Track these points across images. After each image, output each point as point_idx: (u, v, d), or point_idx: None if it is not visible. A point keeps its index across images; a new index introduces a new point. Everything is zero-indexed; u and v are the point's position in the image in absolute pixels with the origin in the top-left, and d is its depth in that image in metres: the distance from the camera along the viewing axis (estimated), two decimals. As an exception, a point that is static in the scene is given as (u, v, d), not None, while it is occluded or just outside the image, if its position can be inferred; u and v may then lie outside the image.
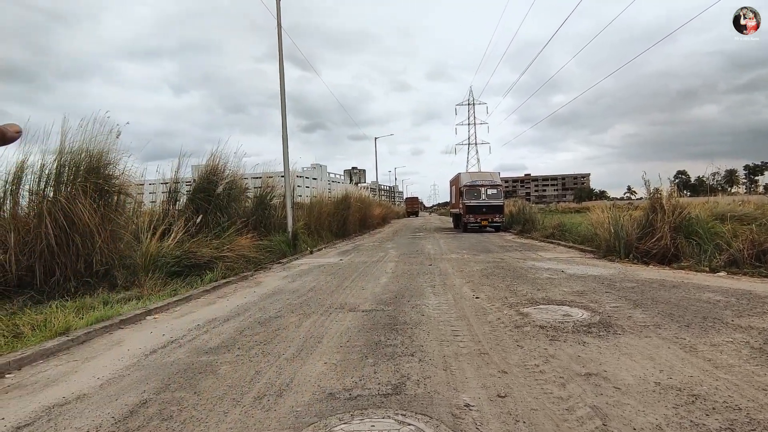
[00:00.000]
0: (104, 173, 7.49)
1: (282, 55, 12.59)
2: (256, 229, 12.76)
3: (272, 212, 14.17)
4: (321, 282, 7.64)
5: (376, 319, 4.89)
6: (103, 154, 7.46)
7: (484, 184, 21.46)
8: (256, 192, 14.42)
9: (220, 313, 5.51)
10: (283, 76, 12.72)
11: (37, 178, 6.95)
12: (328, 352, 3.77)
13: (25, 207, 6.76)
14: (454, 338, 4.08)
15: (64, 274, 6.67)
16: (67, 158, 6.95)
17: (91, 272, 7.03)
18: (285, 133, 13.06)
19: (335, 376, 3.20)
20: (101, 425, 2.60)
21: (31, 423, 2.68)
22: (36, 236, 6.50)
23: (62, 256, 6.66)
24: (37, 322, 5.07)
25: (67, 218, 6.62)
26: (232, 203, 12.08)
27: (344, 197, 20.55)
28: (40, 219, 6.52)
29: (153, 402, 2.89)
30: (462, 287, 6.68)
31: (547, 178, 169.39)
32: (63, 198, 6.64)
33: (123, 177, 7.87)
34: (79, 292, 6.66)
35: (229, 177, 11.77)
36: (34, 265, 6.48)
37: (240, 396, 2.92)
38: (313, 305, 5.74)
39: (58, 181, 6.79)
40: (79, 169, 6.99)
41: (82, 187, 6.88)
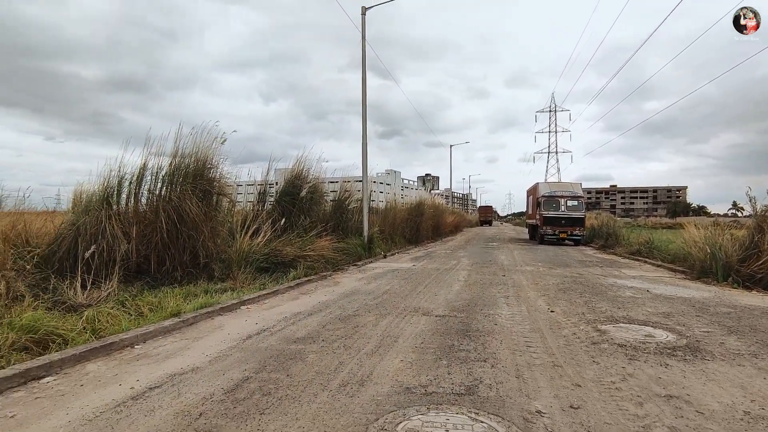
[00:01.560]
0: (208, 176, 8.42)
1: (365, 66, 13.18)
2: (335, 232, 13.42)
3: (349, 216, 14.80)
4: (395, 285, 7.93)
5: (449, 324, 5.06)
6: (207, 159, 8.40)
7: (564, 194, 20.60)
8: (334, 196, 15.16)
9: (304, 308, 5.99)
10: (365, 87, 13.30)
11: (155, 179, 8.00)
12: (404, 351, 4.01)
13: (144, 204, 7.80)
14: (527, 349, 4.13)
15: (173, 264, 7.60)
16: (179, 162, 7.93)
17: (195, 264, 7.93)
18: (365, 141, 13.63)
19: (411, 373, 3.44)
20: (214, 394, 3.06)
21: (159, 386, 3.23)
22: (152, 230, 7.49)
23: (172, 248, 7.60)
24: (153, 304, 5.89)
25: (178, 215, 7.54)
26: (314, 206, 12.84)
27: (418, 204, 20.82)
28: (156, 215, 7.50)
29: (253, 379, 3.32)
30: (536, 300, 6.61)
31: (635, 190, 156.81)
32: (176, 197, 7.59)
33: (222, 179, 8.79)
34: (184, 281, 7.56)
35: (312, 182, 12.54)
36: (150, 255, 7.47)
37: (326, 382, 3.26)
38: (389, 307, 6.03)
39: (172, 182, 7.75)
40: (188, 171, 7.94)
41: (191, 188, 7.82)
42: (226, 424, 2.61)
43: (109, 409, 2.84)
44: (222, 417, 2.70)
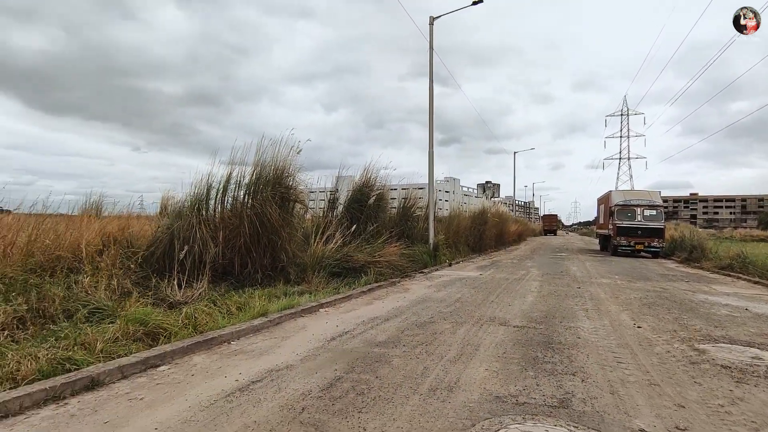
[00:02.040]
0: (285, 183, 8.89)
1: (432, 75, 13.30)
2: (400, 239, 13.57)
3: (414, 223, 14.91)
4: (466, 294, 7.89)
5: (528, 335, 4.96)
6: (285, 168, 8.87)
7: (640, 203, 19.35)
8: (399, 203, 15.34)
9: (379, 313, 6.14)
10: (432, 96, 13.41)
11: (238, 187, 8.57)
12: (487, 360, 4.01)
13: (228, 210, 8.37)
14: (618, 365, 3.97)
15: (254, 267, 8.08)
16: (260, 171, 8.44)
17: (273, 267, 8.38)
18: (431, 150, 13.70)
19: (498, 383, 3.43)
20: (311, 390, 3.25)
21: (260, 380, 3.47)
22: (236, 234, 8.01)
23: (254, 252, 8.08)
24: (240, 303, 6.31)
25: (260, 221, 8.02)
26: (380, 213, 13.09)
27: (481, 212, 20.50)
28: (240, 220, 8.02)
29: (345, 379, 3.48)
30: (619, 314, 6.29)
31: (719, 199, 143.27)
32: (258, 204, 8.08)
33: (298, 187, 9.23)
34: (263, 283, 8.01)
35: (379, 190, 12.80)
36: (234, 257, 7.98)
37: (416, 386, 3.34)
38: (463, 315, 6.02)
39: (255, 190, 8.26)
40: (268, 179, 8.42)
41: (271, 195, 8.29)
42: (328, 419, 2.77)
43: (220, 398, 3.11)
44: (323, 413, 2.86)
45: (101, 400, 3.09)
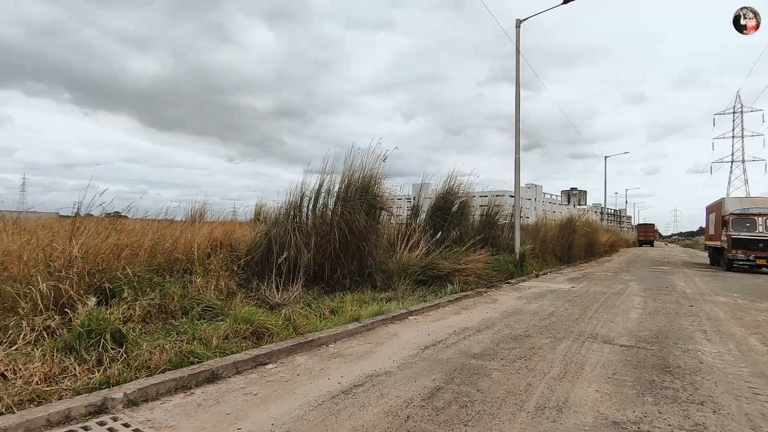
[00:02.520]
0: (372, 191, 9.09)
1: (519, 79, 12.89)
2: (483, 248, 13.26)
3: (498, 232, 14.47)
4: (559, 308, 7.46)
5: (639, 356, 4.55)
6: (372, 176, 9.07)
7: (762, 212, 17.01)
8: (481, 211, 15.00)
9: (470, 324, 6.01)
10: (518, 99, 12.98)
11: (328, 195, 8.92)
12: (596, 381, 3.73)
13: (320, 218, 8.73)
14: (755, 397, 3.48)
15: (343, 273, 8.34)
16: (349, 180, 8.72)
17: (361, 273, 8.59)
18: (518, 156, 13.25)
19: (613, 406, 3.17)
20: (413, 399, 3.25)
21: (361, 384, 3.55)
22: (327, 241, 8.33)
23: (343, 258, 8.35)
24: (332, 308, 6.53)
25: (349, 228, 8.27)
26: (463, 221, 12.88)
27: (569, 220, 19.36)
28: (330, 227, 8.34)
29: (446, 390, 3.44)
30: (747, 338, 5.55)
31: None
32: (347, 212, 8.35)
33: (384, 194, 9.40)
34: (351, 288, 8.23)
35: (462, 197, 12.62)
36: (324, 263, 8.30)
37: (521, 402, 3.20)
38: (560, 330, 5.68)
39: (344, 198, 8.54)
40: (357, 187, 8.67)
41: (359, 203, 8.53)
42: (434, 430, 2.75)
43: (327, 399, 3.23)
44: (428, 422, 2.85)
45: (221, 392, 3.35)
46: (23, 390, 3.11)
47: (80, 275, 4.93)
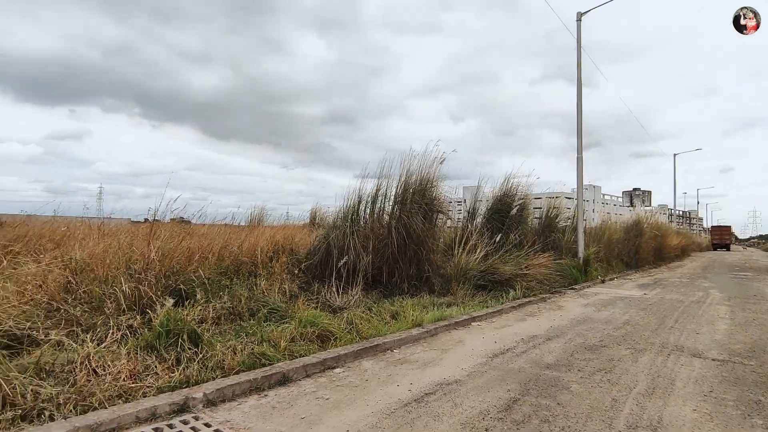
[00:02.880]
0: (429, 194, 8.97)
1: (581, 74, 12.31)
2: (543, 252, 12.74)
3: (559, 235, 13.86)
4: (634, 316, 6.95)
5: (737, 372, 4.11)
6: (430, 179, 8.96)
7: None
8: (540, 213, 14.43)
9: (537, 332, 5.73)
10: (580, 96, 12.38)
11: (384, 198, 8.89)
12: (691, 399, 3.40)
13: (377, 221, 8.72)
14: None
15: (401, 277, 8.27)
16: (406, 183, 8.66)
17: (418, 277, 8.49)
18: (580, 155, 12.64)
19: (717, 428, 2.86)
20: (488, 410, 3.10)
21: (433, 393, 3.45)
22: (384, 245, 8.30)
23: (401, 262, 8.29)
24: (393, 312, 6.47)
25: (406, 231, 8.20)
26: (522, 224, 12.44)
27: (635, 222, 18.18)
28: (388, 231, 8.31)
29: (522, 402, 3.25)
30: None
31: None
32: (405, 215, 8.29)
33: (442, 197, 9.25)
34: (409, 292, 8.14)
35: (521, 199, 12.18)
36: (382, 267, 8.27)
37: (609, 420, 2.96)
38: (640, 341, 5.27)
39: (402, 201, 8.48)
40: (415, 190, 8.59)
41: (417, 207, 8.44)
42: (517, 445, 2.59)
43: (399, 407, 3.15)
44: (510, 437, 2.69)
45: (293, 395, 3.37)
46: (112, 386, 3.28)
47: (157, 277, 5.20)
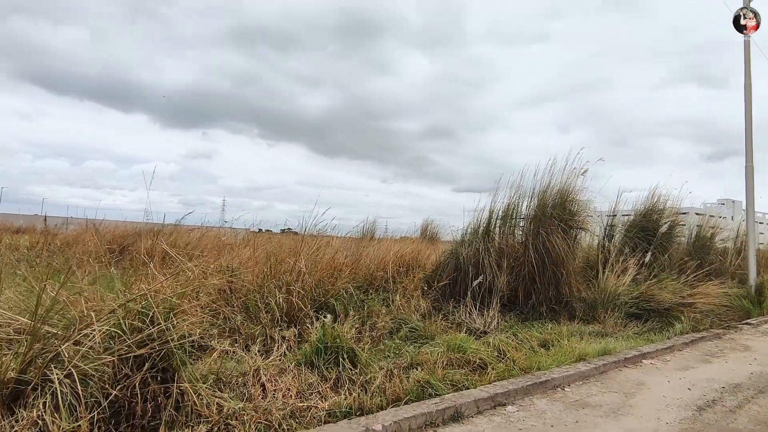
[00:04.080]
0: (568, 209, 8.12)
1: (749, 67, 10.46)
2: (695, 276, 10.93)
3: (715, 257, 11.85)
4: None
5: None
6: (568, 192, 8.12)
7: None
8: (689, 232, 12.48)
9: (737, 379, 4.66)
10: (749, 93, 10.50)
11: (516, 213, 8.23)
12: None
13: (512, 238, 8.08)
14: None
15: (538, 299, 7.53)
16: (544, 196, 7.92)
17: (558, 300, 7.66)
18: (750, 164, 10.65)
19: None
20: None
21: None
22: (520, 264, 7.64)
23: (538, 283, 7.55)
24: (540, 340, 5.81)
25: (545, 249, 7.47)
26: (672, 244, 10.82)
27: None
28: (524, 249, 7.65)
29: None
30: None
31: None
32: (543, 231, 7.56)
33: (583, 213, 8.34)
34: (548, 317, 7.36)
35: (671, 216, 10.62)
36: (517, 287, 7.60)
37: None
38: None
39: (541, 217, 7.75)
40: (554, 206, 7.82)
41: (555, 222, 7.68)
42: None
43: (614, 470, 2.58)
44: None
45: (474, 437, 2.97)
46: (284, 405, 3.19)
47: (306, 289, 5.21)
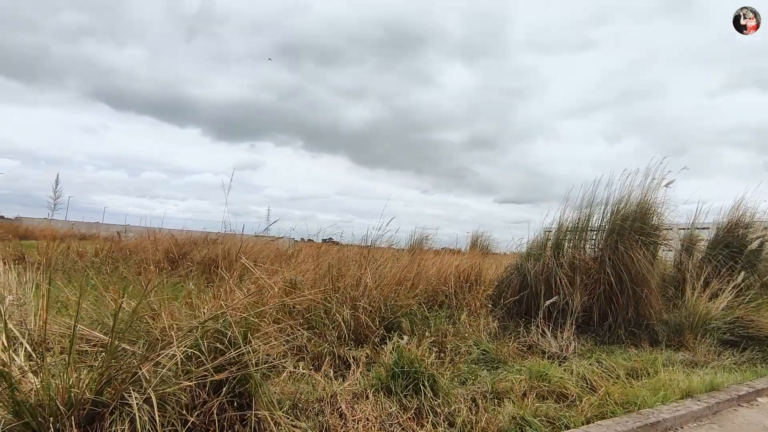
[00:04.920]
0: (649, 223, 7.43)
1: None
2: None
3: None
4: None
5: None
6: (649, 204, 7.44)
7: None
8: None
9: None
10: None
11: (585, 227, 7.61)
12: None
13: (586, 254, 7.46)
14: None
15: (616, 321, 6.89)
16: (623, 209, 7.29)
17: (637, 323, 6.99)
18: None
19: None
20: None
21: None
22: (595, 281, 7.03)
23: (615, 303, 6.92)
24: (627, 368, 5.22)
25: (624, 266, 6.84)
26: (760, 262, 9.75)
27: None
28: (600, 265, 7.03)
29: None
30: None
31: None
32: (622, 247, 6.93)
33: (664, 227, 7.62)
34: (628, 341, 6.71)
35: (760, 230, 9.57)
36: (592, 306, 6.99)
37: None
38: None
39: (619, 232, 7.12)
40: (634, 219, 7.17)
41: (635, 237, 7.03)
42: None
43: None
44: None
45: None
46: (368, 437, 2.88)
47: (374, 306, 4.92)
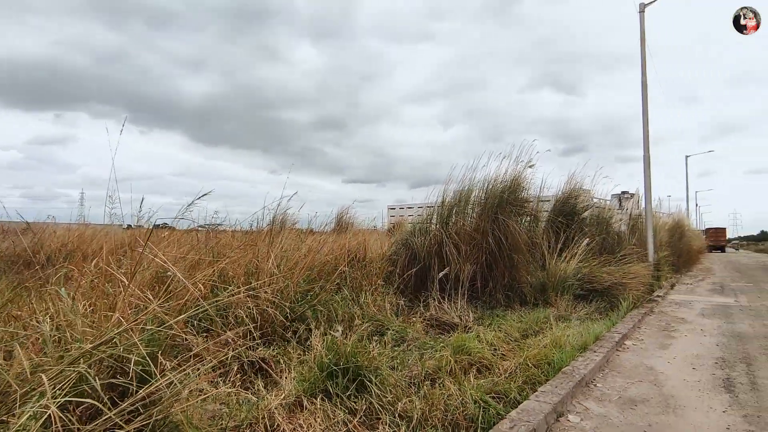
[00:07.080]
0: (519, 197, 8.11)
1: (645, 70, 11.65)
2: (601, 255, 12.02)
3: (612, 237, 13.18)
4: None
5: None
6: (520, 181, 8.09)
7: None
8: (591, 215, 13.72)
9: (718, 352, 4.88)
10: (645, 92, 11.72)
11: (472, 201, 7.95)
12: None
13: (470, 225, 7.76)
14: None
15: (495, 287, 7.39)
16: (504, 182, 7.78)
17: (511, 287, 7.62)
18: (647, 154, 11.95)
19: None
20: None
21: None
22: (479, 249, 7.39)
23: (496, 268, 7.41)
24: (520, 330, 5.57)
25: (503, 235, 7.33)
26: (589, 225, 11.70)
27: (677, 225, 17.70)
28: (483, 235, 7.40)
29: None
30: None
31: None
32: (503, 217, 7.40)
33: (532, 201, 8.44)
34: (504, 304, 7.27)
35: (586, 202, 11.45)
36: (476, 275, 7.35)
37: None
38: None
39: (498, 204, 7.56)
40: (510, 192, 7.71)
41: (510, 209, 7.59)
42: None
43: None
44: None
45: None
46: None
47: (284, 294, 4.21)
